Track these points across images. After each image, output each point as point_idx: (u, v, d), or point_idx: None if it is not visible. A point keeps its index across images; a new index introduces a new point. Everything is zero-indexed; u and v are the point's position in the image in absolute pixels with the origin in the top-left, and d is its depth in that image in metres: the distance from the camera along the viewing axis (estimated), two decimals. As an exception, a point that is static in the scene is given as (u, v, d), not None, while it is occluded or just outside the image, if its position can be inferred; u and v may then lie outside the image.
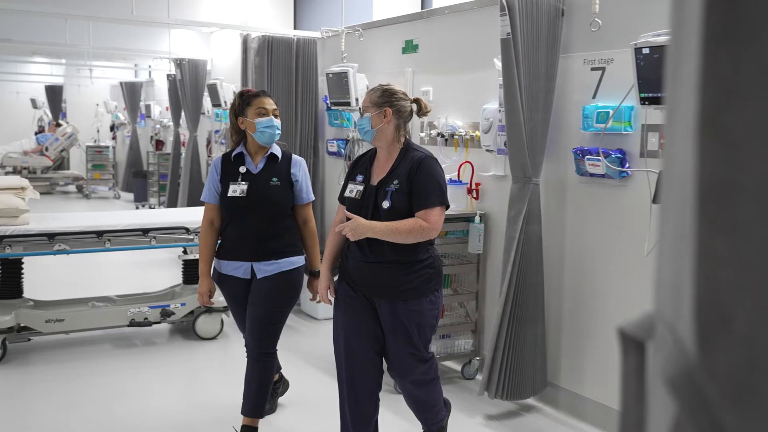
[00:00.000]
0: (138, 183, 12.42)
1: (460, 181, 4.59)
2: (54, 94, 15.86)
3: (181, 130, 9.26)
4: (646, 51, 3.22)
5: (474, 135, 4.59)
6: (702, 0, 0.40)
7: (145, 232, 4.96)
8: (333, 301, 3.18)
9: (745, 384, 0.38)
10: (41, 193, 6.08)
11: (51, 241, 4.67)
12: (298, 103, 6.10)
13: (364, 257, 3.00)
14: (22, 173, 13.97)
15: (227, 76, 8.05)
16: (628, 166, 3.60)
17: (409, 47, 5.26)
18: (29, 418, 3.93)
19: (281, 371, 4.00)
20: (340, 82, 5.39)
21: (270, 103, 3.48)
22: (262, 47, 5.97)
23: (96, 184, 14.66)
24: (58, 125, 15.21)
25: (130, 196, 13.07)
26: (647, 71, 3.22)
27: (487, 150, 4.43)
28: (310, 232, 3.59)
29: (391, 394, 3.96)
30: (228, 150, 3.59)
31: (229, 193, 3.42)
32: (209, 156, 8.55)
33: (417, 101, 3.14)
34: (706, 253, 0.40)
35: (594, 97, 3.78)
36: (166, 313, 5.11)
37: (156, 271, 7.32)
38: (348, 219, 3.03)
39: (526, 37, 3.74)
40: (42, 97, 16.05)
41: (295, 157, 3.58)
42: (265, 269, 3.43)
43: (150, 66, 12.23)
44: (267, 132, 3.44)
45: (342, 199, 3.17)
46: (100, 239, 4.83)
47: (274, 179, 3.45)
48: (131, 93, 13.39)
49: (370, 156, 3.16)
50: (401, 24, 5.37)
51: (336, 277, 3.18)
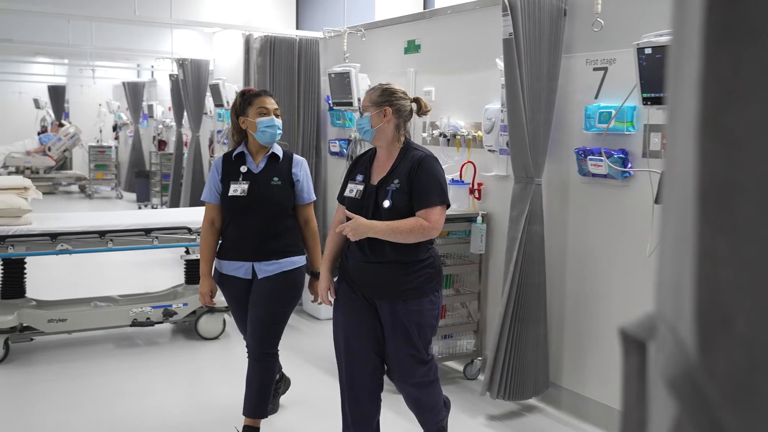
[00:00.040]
0: (140, 183, 12.43)
1: (463, 182, 4.58)
2: (57, 94, 15.90)
3: (184, 130, 9.27)
4: (648, 51, 3.22)
5: (476, 135, 4.59)
6: (703, 0, 0.40)
7: (147, 232, 4.97)
8: (333, 302, 3.16)
9: (746, 384, 0.38)
10: (44, 193, 6.08)
11: (53, 241, 4.67)
12: (300, 104, 6.10)
13: (364, 257, 2.98)
14: (25, 173, 13.99)
15: (230, 76, 8.06)
16: (630, 166, 3.60)
17: (412, 47, 5.26)
18: (31, 417, 3.93)
19: (282, 370, 3.99)
20: (342, 82, 5.39)
21: (271, 103, 3.47)
22: (264, 47, 5.98)
23: (98, 184, 14.68)
24: (61, 125, 15.24)
25: (133, 196, 13.08)
26: (650, 71, 3.22)
27: (489, 150, 4.43)
28: (312, 233, 3.57)
29: (392, 394, 3.96)
30: (229, 150, 3.59)
31: (230, 193, 3.40)
32: (212, 156, 8.55)
33: (417, 100, 3.13)
34: (706, 254, 0.40)
35: (596, 97, 3.78)
36: (168, 313, 5.11)
37: (158, 271, 7.33)
38: (348, 219, 3.01)
39: (529, 37, 3.74)
40: (45, 97, 16.08)
41: (296, 156, 3.57)
42: (266, 269, 3.42)
43: (152, 66, 12.24)
44: (268, 132, 3.42)
45: (342, 199, 3.15)
46: (103, 239, 4.84)
47: (275, 179, 3.43)
48: (134, 93, 13.40)
49: (370, 155, 3.14)
50: (403, 24, 5.37)
51: (336, 278, 3.17)
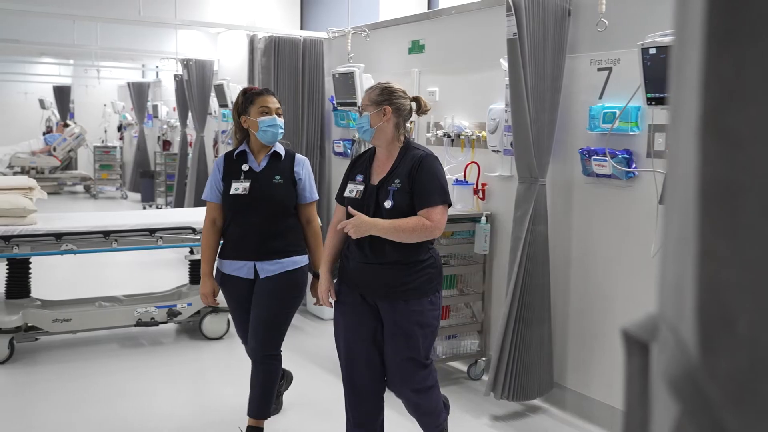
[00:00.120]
0: (145, 183, 12.46)
1: (467, 182, 4.58)
2: (62, 94, 15.94)
3: (188, 130, 9.28)
4: (652, 51, 3.21)
5: (480, 135, 4.58)
6: (705, 1, 0.40)
7: (151, 232, 4.98)
8: (333, 303, 3.14)
9: (747, 385, 0.37)
10: (49, 193, 6.10)
11: (58, 241, 4.68)
12: (304, 104, 6.11)
13: (364, 258, 2.96)
14: (30, 173, 14.04)
15: (234, 76, 8.07)
16: (634, 166, 3.59)
17: (416, 47, 5.26)
18: (36, 417, 3.94)
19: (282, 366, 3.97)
20: (346, 82, 5.39)
21: (273, 102, 3.44)
22: (268, 47, 5.98)
23: (103, 185, 14.72)
24: (66, 125, 15.28)
25: (138, 196, 13.11)
26: (654, 71, 3.22)
27: (493, 150, 4.43)
28: (314, 232, 3.53)
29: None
30: (231, 149, 3.57)
31: (232, 191, 3.38)
32: (216, 156, 8.57)
33: (416, 99, 3.10)
34: (707, 254, 0.40)
35: (600, 97, 3.77)
36: (172, 313, 5.12)
37: (162, 271, 7.34)
38: (349, 217, 2.98)
39: (533, 37, 3.73)
40: (50, 98, 16.13)
41: (298, 156, 3.55)
42: (268, 269, 3.40)
43: (157, 66, 12.25)
44: (270, 131, 3.40)
45: (341, 199, 3.12)
46: (107, 239, 4.84)
47: (277, 177, 3.41)
48: (138, 93, 13.43)
49: (369, 155, 3.11)
50: (407, 24, 5.36)
51: (335, 279, 3.14)
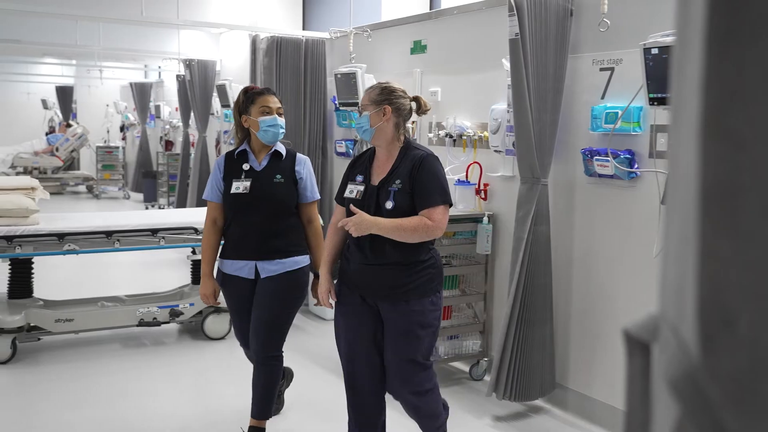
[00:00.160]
0: (147, 183, 12.46)
1: (469, 182, 4.58)
2: (64, 94, 15.95)
3: (191, 130, 9.28)
4: (655, 51, 3.21)
5: (482, 135, 4.58)
6: (706, 1, 0.40)
7: (154, 232, 4.98)
8: (334, 304, 3.13)
9: (748, 385, 0.37)
10: (51, 194, 6.11)
11: (61, 241, 4.69)
12: (306, 104, 6.11)
13: (365, 259, 2.94)
14: (33, 173, 14.06)
15: (236, 76, 8.07)
16: (636, 166, 3.59)
17: (418, 48, 5.25)
18: (38, 416, 3.95)
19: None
20: (348, 82, 5.40)
21: (274, 102, 3.42)
22: (270, 48, 5.98)
23: (106, 185, 14.73)
24: (69, 126, 15.30)
25: (140, 196, 13.12)
26: (656, 71, 3.21)
27: (495, 150, 4.43)
28: (315, 232, 3.51)
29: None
30: (232, 148, 3.56)
31: (232, 190, 3.37)
32: (218, 156, 8.57)
33: (416, 99, 3.08)
34: (709, 254, 0.40)
35: (603, 97, 3.77)
36: (174, 313, 5.12)
37: (165, 271, 7.35)
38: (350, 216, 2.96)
39: (535, 37, 3.73)
40: (53, 98, 16.14)
41: (299, 155, 3.53)
42: (269, 269, 3.38)
43: (159, 67, 12.27)
44: (270, 131, 3.39)
45: (341, 200, 3.11)
46: (110, 239, 4.85)
47: (278, 176, 3.40)
48: (141, 94, 13.45)
49: (369, 155, 3.09)
50: (410, 24, 5.36)
51: (336, 280, 3.13)
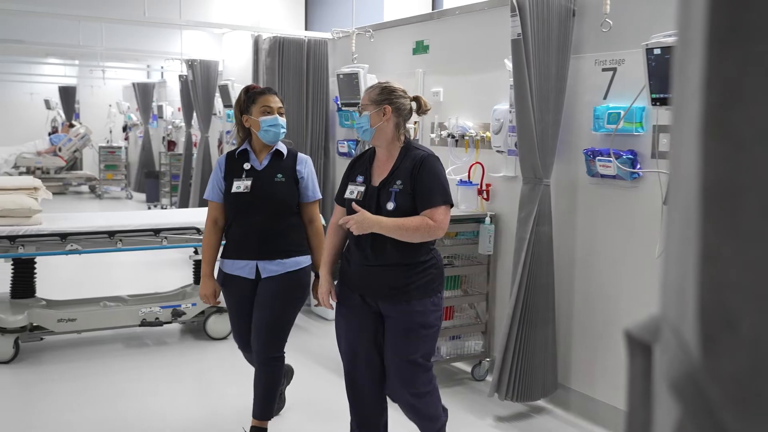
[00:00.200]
0: (150, 183, 12.47)
1: (471, 182, 4.57)
2: (67, 95, 15.97)
3: (193, 130, 9.29)
4: (657, 51, 3.20)
5: (484, 136, 4.58)
6: (707, 1, 0.40)
7: (156, 232, 4.99)
8: (334, 305, 3.12)
9: (749, 386, 0.37)
10: (54, 194, 6.12)
11: (63, 241, 4.69)
12: (308, 104, 6.11)
13: (365, 260, 2.93)
14: (36, 173, 14.09)
15: (239, 76, 8.07)
16: (639, 167, 3.59)
17: (420, 48, 5.25)
18: (41, 416, 3.95)
19: None
20: (350, 82, 5.40)
21: (275, 101, 3.41)
22: (273, 48, 5.99)
23: (108, 185, 14.75)
24: (72, 126, 15.32)
25: (143, 196, 13.13)
26: (658, 72, 3.21)
27: (497, 151, 4.42)
28: (316, 232, 3.49)
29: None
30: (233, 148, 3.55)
31: (233, 189, 3.36)
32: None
33: (416, 99, 3.07)
34: (710, 255, 0.40)
35: (605, 97, 3.76)
36: (177, 313, 5.13)
37: (167, 271, 7.36)
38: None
39: (537, 37, 3.73)
40: (55, 98, 16.16)
41: (301, 154, 3.52)
42: (270, 269, 3.37)
43: (162, 67, 12.28)
44: (271, 131, 3.37)
45: (341, 200, 3.09)
46: (112, 239, 4.85)
47: (279, 175, 3.39)
48: (143, 94, 13.46)
49: (369, 156, 3.07)
50: (412, 25, 5.36)
51: (336, 281, 3.11)
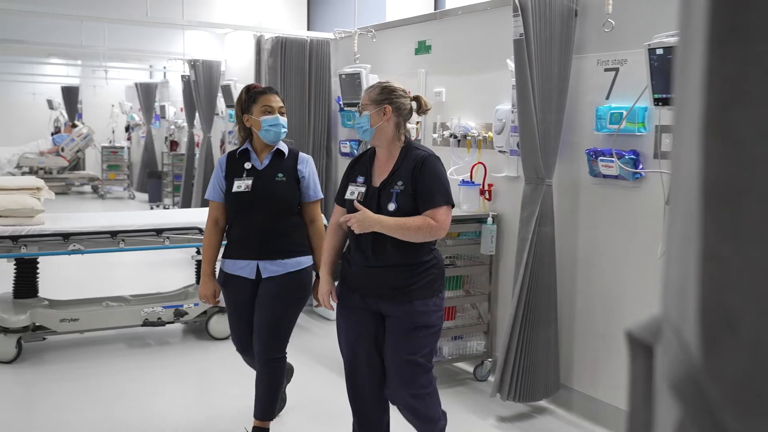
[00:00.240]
0: (152, 183, 12.49)
1: (473, 182, 4.57)
2: (70, 95, 15.99)
3: (196, 130, 9.31)
4: (659, 51, 3.20)
5: (487, 136, 4.58)
6: (708, 1, 0.40)
7: (158, 232, 4.99)
8: (335, 306, 3.11)
9: (749, 387, 0.37)
10: (57, 194, 6.12)
11: (66, 241, 4.70)
12: (311, 104, 6.11)
13: (366, 261, 2.92)
14: (39, 173, 14.10)
15: (241, 77, 8.08)
16: (641, 167, 3.58)
17: (422, 48, 5.25)
18: (43, 416, 3.96)
19: None
20: (353, 83, 5.40)
21: (276, 101, 3.40)
22: (275, 48, 5.99)
23: (111, 185, 14.77)
24: (74, 126, 15.34)
25: (145, 196, 13.15)
26: (661, 72, 3.21)
27: (499, 151, 4.42)
28: (318, 232, 3.46)
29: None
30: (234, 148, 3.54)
31: (234, 189, 3.35)
32: (222, 156, 8.58)
33: (417, 99, 3.06)
34: (710, 255, 0.39)
35: (607, 98, 3.76)
36: (179, 313, 5.13)
37: (169, 271, 7.36)
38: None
39: (539, 37, 3.73)
40: (58, 98, 16.19)
41: (302, 154, 3.51)
42: (270, 269, 3.35)
43: (165, 67, 12.29)
44: (272, 130, 3.37)
45: (342, 201, 3.07)
46: (115, 239, 4.86)
47: (280, 175, 3.38)
48: (146, 94, 13.47)
49: (369, 156, 3.06)
50: (414, 25, 5.36)
51: (337, 282, 3.10)
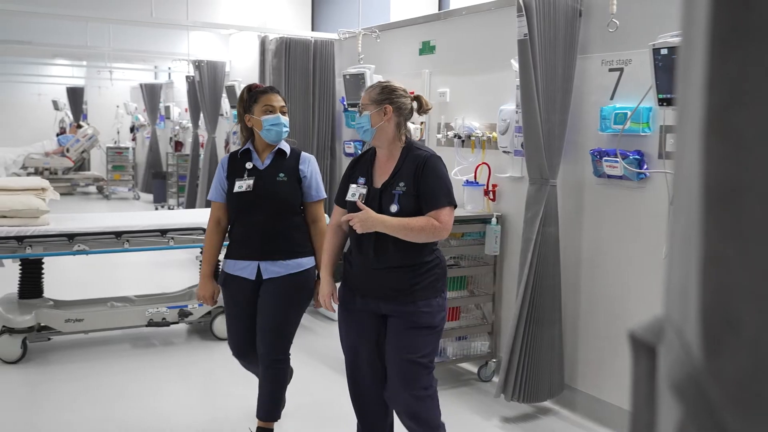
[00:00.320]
0: (157, 184, 12.50)
1: (477, 183, 4.57)
2: (75, 95, 16.02)
3: (200, 131, 9.31)
4: (664, 52, 3.20)
5: (491, 136, 4.57)
6: (710, 2, 0.40)
7: (163, 232, 5.00)
8: (336, 307, 3.10)
9: (750, 387, 0.37)
10: (62, 194, 6.14)
11: (71, 241, 4.71)
12: (315, 105, 6.12)
13: (367, 262, 2.90)
14: (44, 174, 14.13)
15: (245, 77, 8.09)
16: (646, 167, 3.58)
17: (426, 48, 5.25)
18: (48, 416, 3.97)
19: None
20: (357, 83, 5.40)
21: (277, 100, 3.38)
22: (279, 49, 6.00)
23: (116, 185, 14.80)
24: (79, 127, 15.37)
25: (150, 197, 13.16)
26: (665, 72, 3.20)
27: (504, 151, 4.42)
28: (320, 232, 3.41)
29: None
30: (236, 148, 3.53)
31: (235, 189, 3.33)
32: (226, 157, 8.58)
33: (417, 98, 3.04)
34: (712, 256, 0.39)
35: (612, 98, 3.75)
36: (183, 314, 5.14)
37: (174, 271, 7.37)
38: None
39: (544, 37, 3.72)
40: (63, 99, 16.22)
41: (304, 153, 3.49)
42: (271, 269, 3.33)
43: (169, 68, 12.30)
44: (274, 130, 3.35)
45: (342, 202, 3.05)
46: (119, 240, 4.87)
47: (281, 174, 3.36)
48: (151, 94, 13.49)
49: (370, 156, 3.03)
50: (418, 25, 5.36)
51: (338, 283, 3.09)
